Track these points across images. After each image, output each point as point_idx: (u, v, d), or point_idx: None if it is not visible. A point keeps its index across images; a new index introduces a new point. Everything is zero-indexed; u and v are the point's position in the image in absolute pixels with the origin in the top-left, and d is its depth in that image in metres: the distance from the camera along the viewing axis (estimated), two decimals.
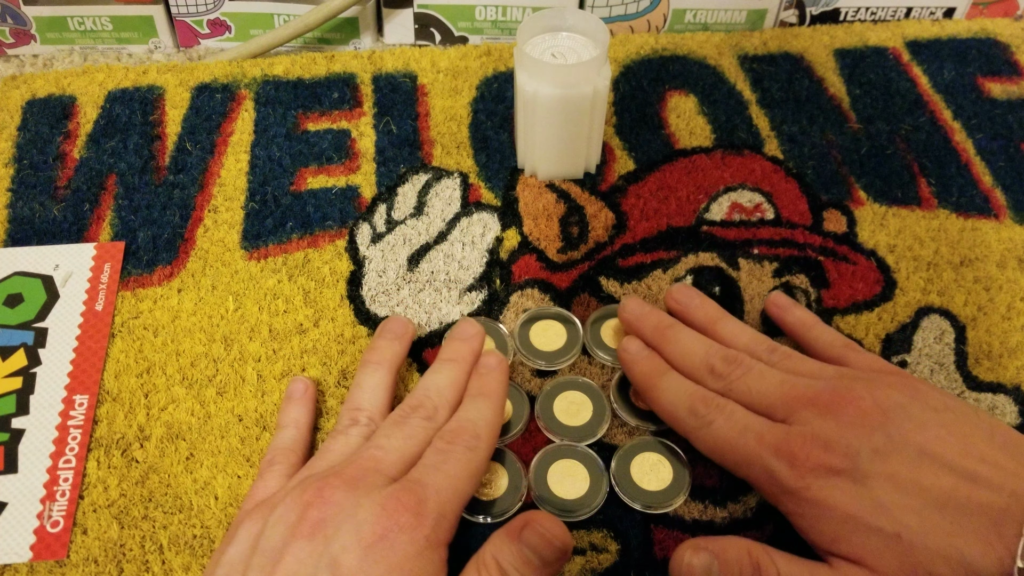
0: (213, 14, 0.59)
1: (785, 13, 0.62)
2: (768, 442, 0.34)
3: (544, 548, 0.32)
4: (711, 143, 0.54)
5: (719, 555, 0.33)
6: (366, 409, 0.38)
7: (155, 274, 0.47)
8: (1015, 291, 0.47)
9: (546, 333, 0.44)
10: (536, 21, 0.47)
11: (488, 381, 0.39)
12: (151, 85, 0.56)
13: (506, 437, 0.40)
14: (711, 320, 0.42)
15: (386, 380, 0.39)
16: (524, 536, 0.32)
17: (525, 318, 0.44)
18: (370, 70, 0.57)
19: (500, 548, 0.32)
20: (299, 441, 0.39)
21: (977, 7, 0.63)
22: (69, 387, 0.42)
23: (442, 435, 0.35)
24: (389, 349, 0.41)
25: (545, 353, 0.43)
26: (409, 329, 0.42)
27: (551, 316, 0.44)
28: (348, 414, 0.38)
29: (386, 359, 0.40)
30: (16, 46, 0.60)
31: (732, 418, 0.36)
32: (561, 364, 0.43)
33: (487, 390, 0.38)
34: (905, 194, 0.51)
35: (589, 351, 0.44)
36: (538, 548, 0.32)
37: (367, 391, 0.39)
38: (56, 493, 0.39)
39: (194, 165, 0.52)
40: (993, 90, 0.58)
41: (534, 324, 0.44)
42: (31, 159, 0.52)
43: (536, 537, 0.32)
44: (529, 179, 0.51)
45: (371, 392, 0.39)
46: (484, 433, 0.36)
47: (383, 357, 0.40)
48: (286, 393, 0.41)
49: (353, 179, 0.51)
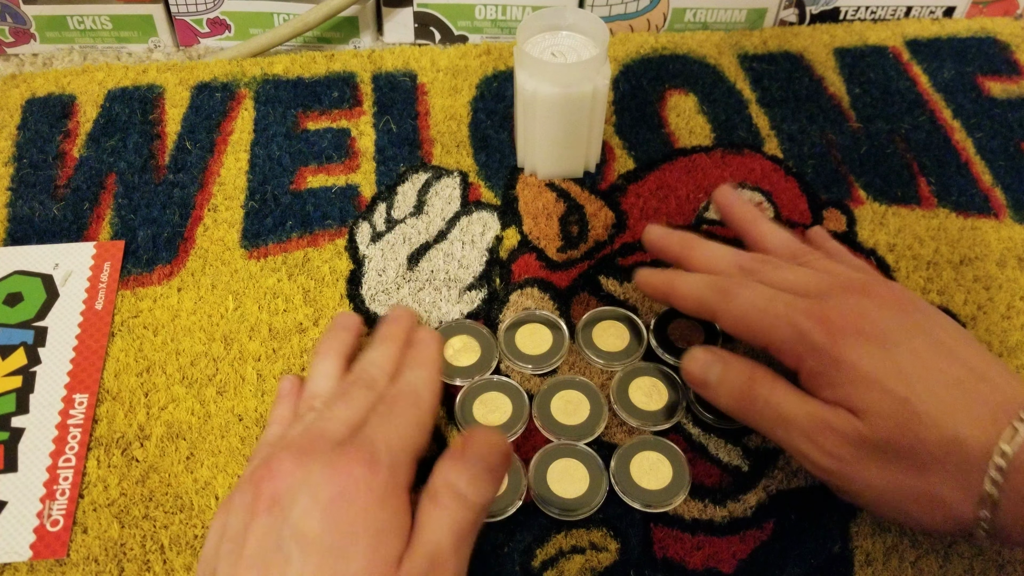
0: (213, 13, 0.59)
1: (785, 12, 0.62)
2: (800, 307, 0.35)
3: (490, 456, 0.33)
4: (711, 142, 0.54)
5: (724, 360, 0.37)
6: (320, 395, 0.39)
7: (155, 273, 0.47)
8: (1015, 290, 0.47)
9: (532, 337, 0.44)
10: (536, 20, 0.47)
11: (422, 350, 0.40)
12: (151, 84, 0.56)
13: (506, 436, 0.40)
14: (751, 218, 0.43)
15: (336, 366, 0.40)
16: (468, 453, 0.33)
17: (510, 322, 0.44)
18: (370, 69, 0.57)
19: (449, 472, 0.33)
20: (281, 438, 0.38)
21: (977, 6, 0.63)
22: (69, 386, 0.42)
23: (383, 398, 0.37)
24: (338, 339, 0.42)
25: (531, 357, 0.43)
26: (357, 321, 0.43)
27: (537, 320, 0.44)
28: (304, 403, 0.39)
29: (334, 348, 0.41)
30: (16, 45, 0.60)
31: (759, 290, 0.37)
32: (547, 368, 0.43)
33: (421, 359, 0.39)
34: (905, 193, 0.51)
35: (582, 354, 0.44)
36: (485, 458, 0.33)
37: (320, 379, 0.40)
38: (56, 492, 0.39)
39: (194, 164, 0.52)
40: (993, 89, 0.58)
41: (519, 328, 0.44)
42: (31, 158, 0.52)
43: (479, 447, 0.33)
44: (529, 178, 0.51)
45: (324, 379, 0.40)
46: (424, 392, 0.37)
47: (331, 347, 0.41)
48: (276, 393, 0.41)
49: (353, 178, 0.51)
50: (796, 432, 0.34)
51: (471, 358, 0.43)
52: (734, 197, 0.45)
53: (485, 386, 0.42)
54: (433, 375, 0.39)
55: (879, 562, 0.37)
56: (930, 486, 0.32)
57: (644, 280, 0.42)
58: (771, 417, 0.35)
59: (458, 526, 0.32)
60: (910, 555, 0.37)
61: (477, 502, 0.33)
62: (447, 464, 0.33)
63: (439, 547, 0.31)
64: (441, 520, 0.32)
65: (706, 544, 0.38)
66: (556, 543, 0.38)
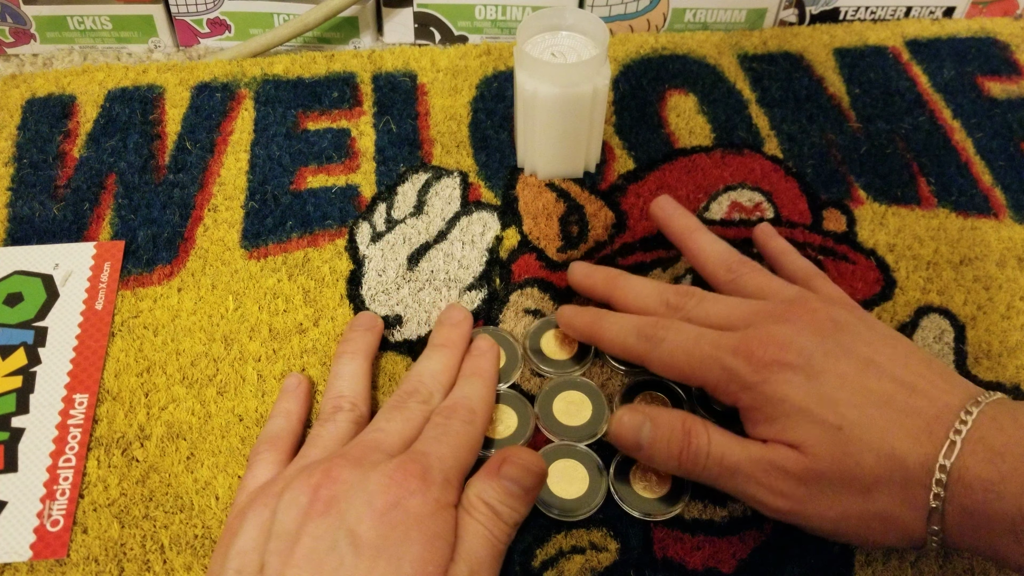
0: (213, 13, 0.59)
1: (785, 12, 0.62)
2: (725, 344, 0.36)
3: (525, 477, 0.34)
4: (711, 142, 0.54)
5: (653, 419, 0.36)
6: (347, 396, 0.39)
7: (155, 273, 0.47)
8: (1014, 290, 0.47)
9: (557, 342, 0.44)
10: (536, 20, 0.47)
11: (481, 362, 0.40)
12: (151, 84, 0.56)
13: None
14: (688, 229, 0.44)
15: (363, 367, 0.40)
16: (504, 471, 0.34)
17: (535, 327, 0.44)
18: (370, 69, 0.57)
19: (484, 488, 0.34)
20: (287, 430, 0.39)
21: (977, 6, 0.63)
22: (69, 386, 0.42)
23: (440, 411, 0.37)
24: (362, 339, 0.42)
25: (556, 361, 0.43)
26: (378, 322, 0.43)
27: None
28: (331, 402, 0.39)
29: (360, 348, 0.41)
30: (16, 45, 0.60)
31: (684, 331, 0.37)
32: (574, 372, 0.43)
33: (480, 370, 0.40)
34: (905, 193, 0.51)
35: (603, 357, 0.43)
36: (519, 479, 0.34)
37: (346, 379, 0.40)
38: (56, 492, 0.39)
39: (194, 164, 0.52)
40: (993, 89, 0.58)
41: (544, 333, 0.44)
42: (31, 158, 0.52)
43: (516, 469, 0.34)
44: (529, 178, 0.51)
45: (350, 380, 0.40)
46: (479, 408, 0.38)
47: (357, 347, 0.41)
48: (281, 388, 0.41)
49: (353, 178, 0.51)
50: (743, 479, 0.35)
51: None
52: (671, 208, 0.45)
53: None
54: (489, 388, 0.39)
55: (879, 562, 0.37)
56: (879, 507, 0.32)
57: (567, 322, 0.42)
58: (715, 470, 0.35)
59: (495, 540, 0.33)
60: (910, 555, 0.37)
61: (510, 521, 0.34)
62: (484, 482, 0.34)
63: (479, 558, 0.32)
64: (479, 533, 0.33)
65: (706, 544, 0.38)
66: (556, 543, 0.38)
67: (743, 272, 0.41)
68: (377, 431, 0.36)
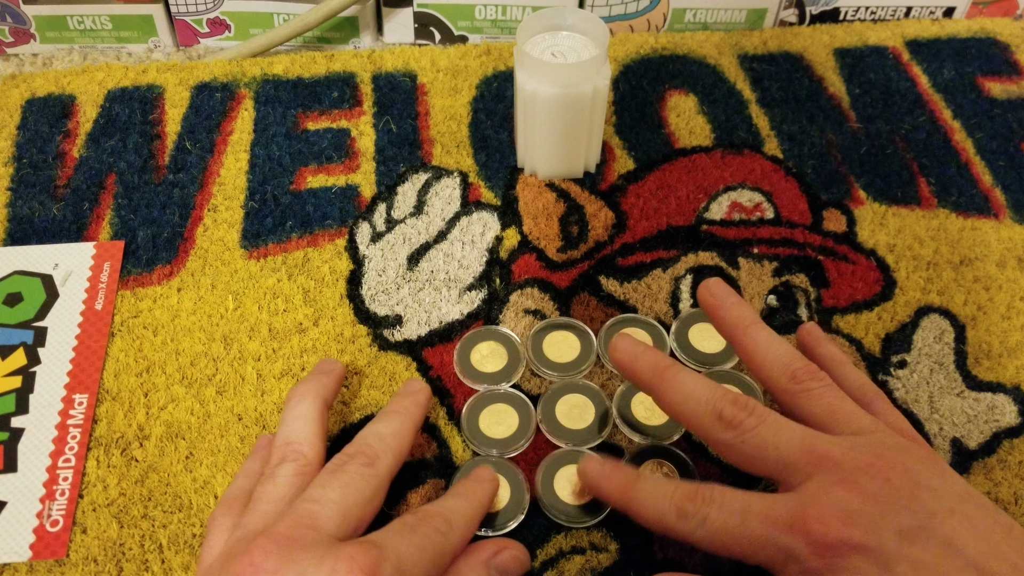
0: (213, 13, 0.59)
1: (785, 12, 0.62)
2: (778, 519, 0.31)
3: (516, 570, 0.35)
4: (711, 142, 0.54)
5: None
6: (294, 443, 0.35)
7: (155, 273, 0.47)
8: (1015, 290, 0.47)
9: (559, 344, 0.43)
10: (536, 20, 0.47)
11: (476, 487, 0.37)
12: (151, 84, 0.56)
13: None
14: (744, 323, 0.37)
15: (312, 409, 0.37)
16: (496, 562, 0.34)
17: (538, 328, 0.44)
18: (370, 69, 0.57)
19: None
20: (247, 490, 0.36)
21: (977, 6, 0.63)
22: (69, 386, 0.42)
23: (414, 512, 0.33)
24: (315, 381, 0.38)
25: (559, 364, 0.43)
26: (338, 368, 0.40)
27: (563, 327, 0.44)
28: (277, 451, 0.35)
29: (311, 390, 0.38)
30: (15, 45, 0.60)
31: (727, 506, 0.32)
32: (575, 375, 0.43)
33: (471, 493, 0.36)
34: (905, 193, 0.51)
35: (603, 359, 0.43)
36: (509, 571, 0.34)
37: (294, 422, 0.36)
38: (56, 492, 0.39)
39: (194, 164, 0.52)
40: (993, 90, 0.58)
41: (547, 335, 0.44)
42: (31, 158, 0.52)
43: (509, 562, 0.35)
44: (529, 178, 0.51)
45: (299, 423, 0.36)
46: (458, 524, 0.34)
47: (307, 388, 0.38)
48: (253, 446, 0.40)
49: (353, 178, 0.51)
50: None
51: (497, 364, 0.43)
52: (724, 295, 0.38)
53: (492, 397, 0.42)
54: (473, 513, 0.35)
55: None
56: None
57: (592, 482, 0.36)
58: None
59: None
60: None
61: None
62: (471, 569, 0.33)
63: None
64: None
65: None
66: (556, 543, 0.38)
67: (811, 387, 0.35)
68: (312, 502, 0.32)
